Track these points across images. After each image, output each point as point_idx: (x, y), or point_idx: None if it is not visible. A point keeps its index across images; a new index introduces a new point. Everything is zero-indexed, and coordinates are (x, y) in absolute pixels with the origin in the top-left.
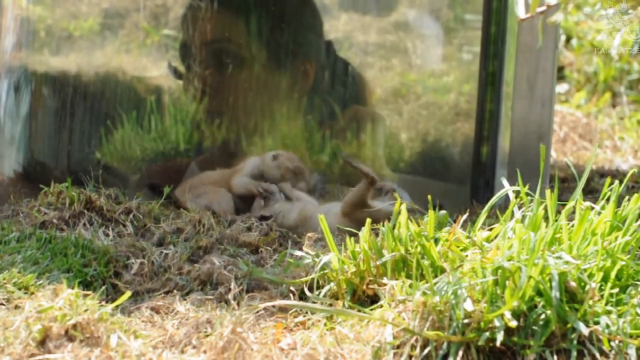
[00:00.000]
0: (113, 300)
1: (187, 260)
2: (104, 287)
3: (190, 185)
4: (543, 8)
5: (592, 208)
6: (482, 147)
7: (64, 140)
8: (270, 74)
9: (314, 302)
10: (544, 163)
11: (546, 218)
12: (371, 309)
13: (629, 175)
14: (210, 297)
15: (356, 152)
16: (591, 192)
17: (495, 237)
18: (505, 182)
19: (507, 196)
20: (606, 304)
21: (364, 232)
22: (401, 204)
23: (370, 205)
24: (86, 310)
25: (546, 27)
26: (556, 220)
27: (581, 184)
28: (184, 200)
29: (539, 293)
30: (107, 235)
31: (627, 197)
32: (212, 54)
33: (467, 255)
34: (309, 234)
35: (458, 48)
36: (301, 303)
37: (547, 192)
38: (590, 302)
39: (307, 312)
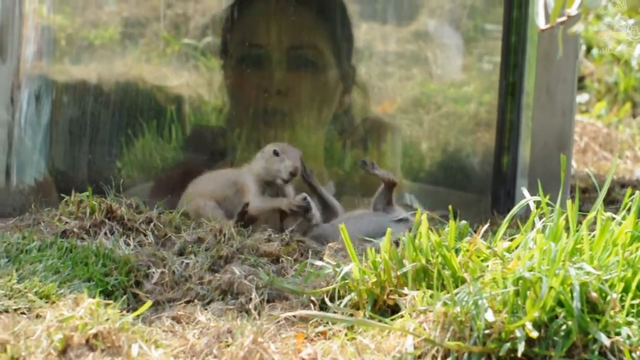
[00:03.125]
0: (134, 310)
1: (208, 270)
2: (124, 297)
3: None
4: (563, 18)
5: (613, 218)
6: (503, 157)
7: (84, 149)
8: (332, 80)
9: (334, 312)
10: (565, 173)
11: (567, 228)
12: (392, 319)
13: None
14: (231, 306)
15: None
16: (612, 203)
17: (516, 247)
18: (526, 192)
19: (527, 206)
20: (627, 315)
21: (384, 242)
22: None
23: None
24: (107, 320)
25: (566, 37)
26: (577, 231)
27: (602, 195)
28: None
29: (560, 303)
30: (128, 244)
31: None
32: (287, 58)
33: (488, 266)
34: (330, 244)
35: (478, 58)
36: (322, 313)
37: (568, 202)
38: (612, 312)
39: (327, 322)
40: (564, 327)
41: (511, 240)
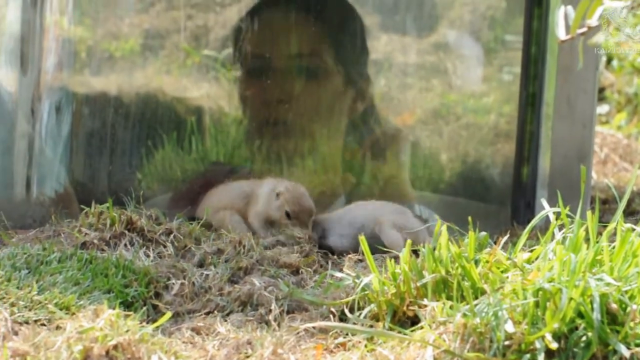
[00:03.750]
0: (154, 321)
1: (228, 281)
2: (144, 308)
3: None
4: (584, 29)
5: (633, 230)
6: (523, 168)
7: (104, 161)
8: (341, 90)
9: (354, 324)
10: (585, 184)
11: (587, 240)
12: (412, 331)
13: None
14: (251, 318)
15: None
16: (632, 214)
17: (536, 258)
18: (545, 203)
19: (547, 217)
20: None
21: (404, 253)
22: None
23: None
24: (127, 331)
25: (587, 48)
26: (597, 242)
27: (622, 206)
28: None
29: (580, 315)
30: (148, 256)
31: None
32: (291, 66)
33: (507, 277)
34: (350, 255)
35: (498, 69)
36: (342, 324)
37: (588, 213)
38: (632, 324)
39: (347, 334)
40: (583, 338)
41: (531, 251)
